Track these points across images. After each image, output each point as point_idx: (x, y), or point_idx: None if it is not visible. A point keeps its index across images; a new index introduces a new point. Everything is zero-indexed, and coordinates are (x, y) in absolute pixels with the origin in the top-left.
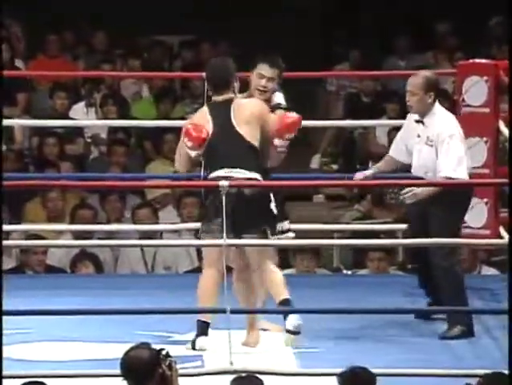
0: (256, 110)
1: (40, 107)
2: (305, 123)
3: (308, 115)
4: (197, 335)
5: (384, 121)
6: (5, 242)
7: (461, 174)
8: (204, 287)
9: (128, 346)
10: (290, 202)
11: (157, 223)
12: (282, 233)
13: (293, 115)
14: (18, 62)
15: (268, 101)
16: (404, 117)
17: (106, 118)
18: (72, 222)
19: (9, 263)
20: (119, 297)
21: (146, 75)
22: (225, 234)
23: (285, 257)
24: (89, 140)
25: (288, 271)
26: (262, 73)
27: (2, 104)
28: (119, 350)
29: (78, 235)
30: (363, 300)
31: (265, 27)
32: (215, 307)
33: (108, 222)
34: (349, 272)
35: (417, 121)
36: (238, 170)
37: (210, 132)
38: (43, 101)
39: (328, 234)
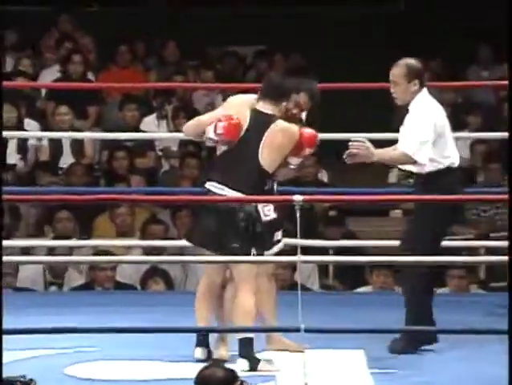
0: (286, 141)
1: (110, 119)
2: (381, 136)
3: (385, 127)
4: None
5: (465, 134)
6: (74, 258)
7: (420, 157)
8: (248, 306)
9: (199, 366)
10: (367, 217)
11: None
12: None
13: (310, 131)
14: (90, 75)
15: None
16: (487, 130)
17: (177, 130)
18: (143, 238)
19: (78, 279)
20: (190, 315)
21: (219, 87)
22: (299, 250)
23: (360, 273)
24: (160, 153)
25: (364, 288)
26: (301, 104)
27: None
28: (190, 370)
29: (148, 251)
30: (442, 319)
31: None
32: (289, 326)
33: (180, 238)
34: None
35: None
36: (222, 187)
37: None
38: (113, 113)
39: None
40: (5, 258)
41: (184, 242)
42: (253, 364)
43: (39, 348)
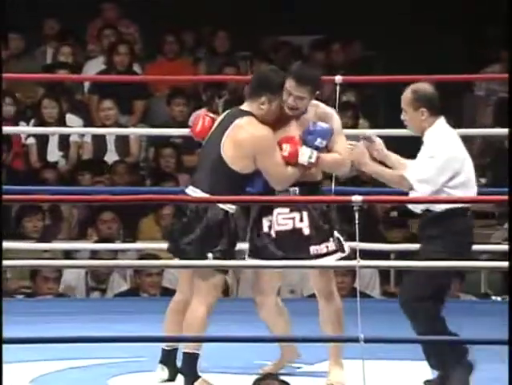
0: (248, 140)
1: (157, 114)
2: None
3: (453, 123)
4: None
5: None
6: (119, 262)
7: (422, 190)
8: (194, 318)
9: (250, 378)
10: None
11: None
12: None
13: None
14: (136, 67)
15: (298, 118)
16: None
17: None
18: None
19: (122, 285)
20: (241, 323)
21: None
22: (358, 254)
23: None
24: None
25: None
26: (289, 90)
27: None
28: (240, 382)
29: None
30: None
31: None
32: (348, 335)
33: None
34: (498, 298)
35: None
36: (195, 189)
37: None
38: (161, 108)
39: (475, 255)
40: (46, 262)
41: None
42: (190, 381)
43: (83, 358)
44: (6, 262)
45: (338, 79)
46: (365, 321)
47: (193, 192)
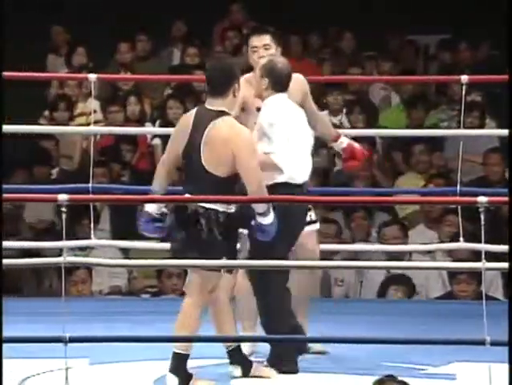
0: (230, 140)
1: None
2: None
3: None
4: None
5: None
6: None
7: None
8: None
9: (372, 379)
10: None
11: (406, 243)
12: None
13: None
14: None
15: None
16: None
17: (353, 126)
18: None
19: None
20: (364, 324)
21: (397, 79)
22: (483, 256)
23: None
24: (333, 152)
25: None
26: (255, 45)
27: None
28: (363, 383)
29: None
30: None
31: None
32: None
33: (353, 241)
34: None
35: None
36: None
37: (184, 144)
38: None
39: None
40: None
41: (359, 246)
42: (184, 381)
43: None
44: (131, 262)
45: (464, 78)
46: (490, 323)
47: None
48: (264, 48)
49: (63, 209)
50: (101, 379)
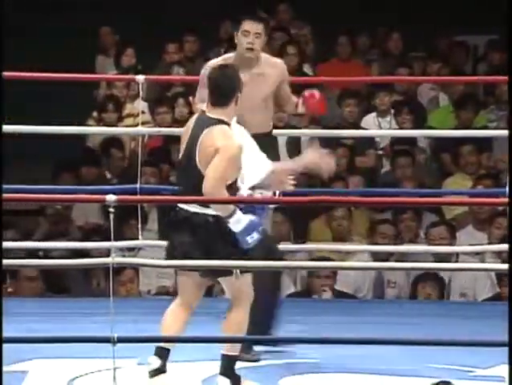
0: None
1: (330, 115)
2: None
3: None
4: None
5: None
6: (292, 263)
7: None
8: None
9: (420, 381)
10: None
11: (454, 244)
12: None
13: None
14: (306, 68)
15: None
16: None
17: (400, 127)
18: (371, 240)
19: (292, 287)
20: (412, 325)
21: (445, 79)
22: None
23: None
24: (381, 152)
25: None
26: (247, 29)
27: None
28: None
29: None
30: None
31: None
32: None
33: (402, 242)
34: None
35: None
36: (195, 205)
37: (182, 150)
38: (332, 109)
39: None
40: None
41: (403, 247)
42: (234, 383)
43: None
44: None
45: None
46: None
47: (194, 208)
48: (255, 36)
49: (111, 210)
50: (149, 379)
